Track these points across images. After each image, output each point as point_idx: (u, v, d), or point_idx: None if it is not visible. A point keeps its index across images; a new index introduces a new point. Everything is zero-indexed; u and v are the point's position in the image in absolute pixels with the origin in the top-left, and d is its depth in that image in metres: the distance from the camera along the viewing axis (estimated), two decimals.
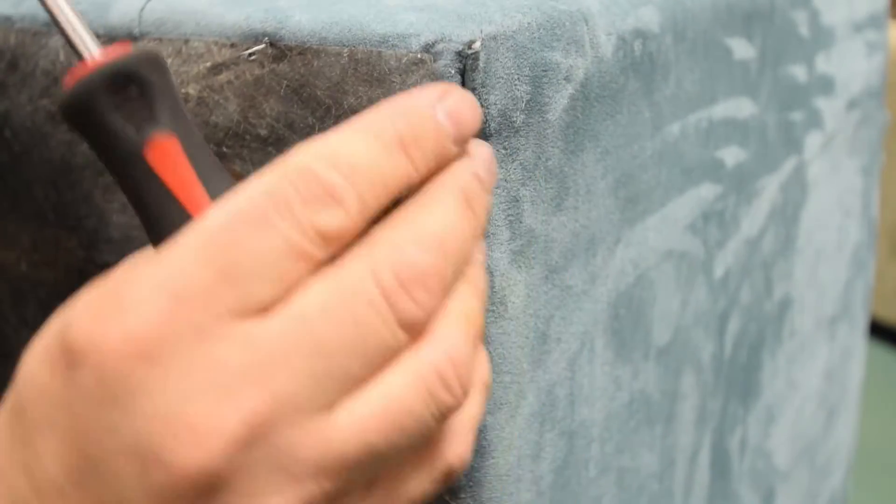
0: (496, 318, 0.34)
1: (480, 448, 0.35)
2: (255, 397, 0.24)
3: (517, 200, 0.34)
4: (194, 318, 0.24)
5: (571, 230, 0.37)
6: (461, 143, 0.28)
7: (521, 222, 0.34)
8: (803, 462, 0.71)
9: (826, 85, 0.61)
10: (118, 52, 0.28)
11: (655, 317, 0.45)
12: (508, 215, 0.34)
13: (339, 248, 0.26)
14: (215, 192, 0.28)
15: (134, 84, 0.28)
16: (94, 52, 0.28)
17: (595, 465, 0.42)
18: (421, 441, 0.27)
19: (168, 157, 0.28)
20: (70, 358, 0.24)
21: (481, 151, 0.29)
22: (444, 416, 0.26)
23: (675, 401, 0.49)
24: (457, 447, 0.29)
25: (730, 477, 0.58)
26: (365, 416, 0.25)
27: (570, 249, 0.37)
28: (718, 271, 0.51)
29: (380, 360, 0.25)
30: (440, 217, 0.27)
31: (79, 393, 0.24)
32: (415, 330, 0.26)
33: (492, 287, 0.34)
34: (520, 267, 0.35)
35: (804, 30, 0.56)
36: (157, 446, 0.24)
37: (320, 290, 0.25)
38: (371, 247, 0.26)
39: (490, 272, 0.34)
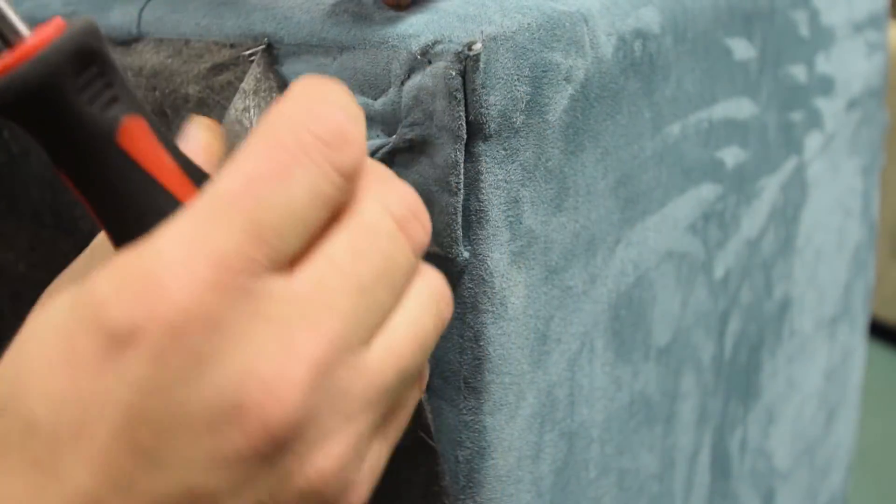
0: (496, 318, 0.34)
1: (480, 449, 0.35)
2: (314, 343, 0.24)
3: (517, 201, 0.34)
4: (239, 281, 0.23)
5: (571, 231, 0.37)
6: None
7: (521, 223, 0.34)
8: (803, 462, 0.71)
9: (826, 85, 0.61)
10: (59, 29, 0.24)
11: (655, 317, 0.45)
12: (508, 216, 0.34)
13: (352, 187, 0.26)
14: (188, 170, 0.26)
15: (96, 63, 0.25)
16: (25, 34, 0.24)
17: (595, 466, 0.42)
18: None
19: (140, 140, 0.25)
20: (113, 345, 0.23)
21: None
22: (442, 331, 0.28)
23: (676, 401, 0.49)
24: (426, 368, 0.30)
25: (730, 477, 0.58)
26: (397, 344, 0.26)
27: (570, 250, 0.37)
28: (718, 272, 0.51)
29: (402, 289, 0.27)
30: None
31: (127, 381, 0.23)
32: (420, 256, 0.27)
33: (492, 288, 0.34)
34: (520, 268, 0.35)
35: (804, 30, 0.56)
36: (234, 410, 0.23)
37: (344, 232, 0.26)
38: (371, 189, 0.27)
39: (490, 273, 0.34)
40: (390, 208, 0.27)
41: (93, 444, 0.23)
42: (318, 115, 0.25)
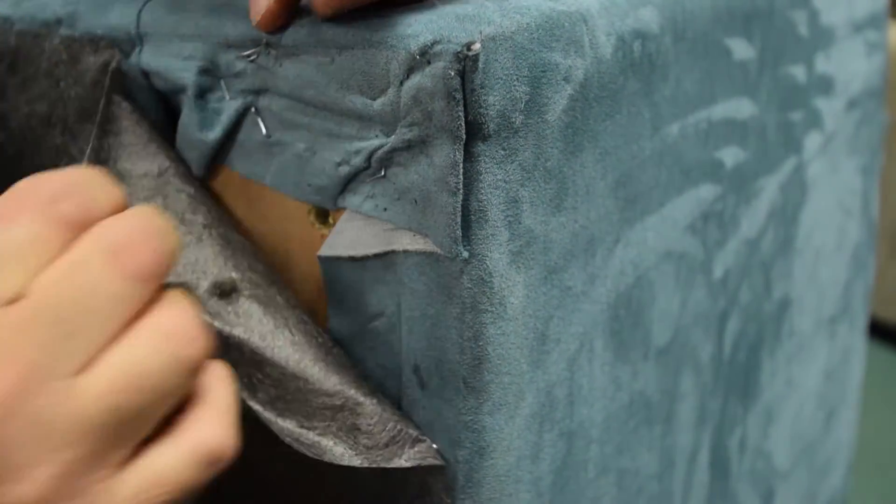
0: (495, 318, 0.34)
1: (479, 449, 0.35)
2: (5, 373, 0.25)
3: (516, 201, 0.34)
4: None
5: (570, 231, 0.37)
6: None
7: (520, 223, 0.34)
8: (803, 462, 0.71)
9: (826, 85, 0.61)
10: None
11: (655, 317, 0.45)
12: (507, 216, 0.34)
13: (75, 236, 0.28)
14: None
15: None
16: None
17: (594, 465, 0.42)
18: (168, 404, 0.28)
19: None
20: None
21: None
22: (190, 371, 0.28)
23: (675, 401, 0.49)
24: (215, 429, 0.29)
25: (729, 477, 0.58)
26: (109, 378, 0.27)
27: (569, 250, 0.37)
28: (718, 272, 0.51)
29: (115, 321, 0.27)
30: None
31: None
32: (146, 282, 0.28)
33: (491, 288, 0.34)
34: (519, 268, 0.35)
35: (804, 30, 0.56)
36: None
37: (56, 266, 0.27)
38: (92, 231, 0.28)
39: (489, 273, 0.34)
40: (102, 239, 0.27)
41: None
42: (42, 179, 0.28)
